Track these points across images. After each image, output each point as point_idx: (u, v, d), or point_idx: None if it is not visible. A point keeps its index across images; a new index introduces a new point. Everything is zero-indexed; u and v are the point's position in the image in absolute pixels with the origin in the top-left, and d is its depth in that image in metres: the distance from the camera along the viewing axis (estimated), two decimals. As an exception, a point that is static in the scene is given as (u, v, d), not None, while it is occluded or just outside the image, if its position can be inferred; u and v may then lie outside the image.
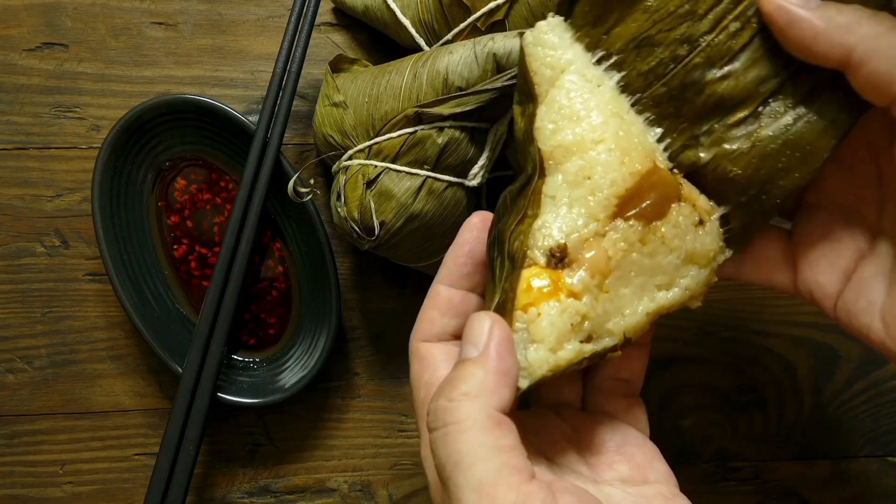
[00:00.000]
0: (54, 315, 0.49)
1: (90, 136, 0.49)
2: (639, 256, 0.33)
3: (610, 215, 0.33)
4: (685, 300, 0.35)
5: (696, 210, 0.34)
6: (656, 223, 0.33)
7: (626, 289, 0.33)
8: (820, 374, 0.51)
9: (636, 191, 0.33)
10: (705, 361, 0.51)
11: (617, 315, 0.33)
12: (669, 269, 0.34)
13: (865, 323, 0.33)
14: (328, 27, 0.50)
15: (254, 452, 0.50)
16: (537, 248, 0.32)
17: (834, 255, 0.35)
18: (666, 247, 0.33)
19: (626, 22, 0.34)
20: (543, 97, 0.34)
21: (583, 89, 0.34)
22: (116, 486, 0.49)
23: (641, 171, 0.33)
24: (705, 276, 0.35)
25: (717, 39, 0.34)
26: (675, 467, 0.50)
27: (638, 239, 0.33)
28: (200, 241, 0.49)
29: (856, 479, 0.51)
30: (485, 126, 0.42)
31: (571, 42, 0.35)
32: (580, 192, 0.33)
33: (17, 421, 0.49)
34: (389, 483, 0.50)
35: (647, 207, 0.33)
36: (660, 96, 0.35)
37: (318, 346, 0.47)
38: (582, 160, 0.33)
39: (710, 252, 0.34)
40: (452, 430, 0.27)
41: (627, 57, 0.35)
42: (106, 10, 0.49)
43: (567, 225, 0.33)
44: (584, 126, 0.33)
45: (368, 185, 0.42)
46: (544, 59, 0.34)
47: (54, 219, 0.49)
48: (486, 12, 0.43)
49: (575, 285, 0.32)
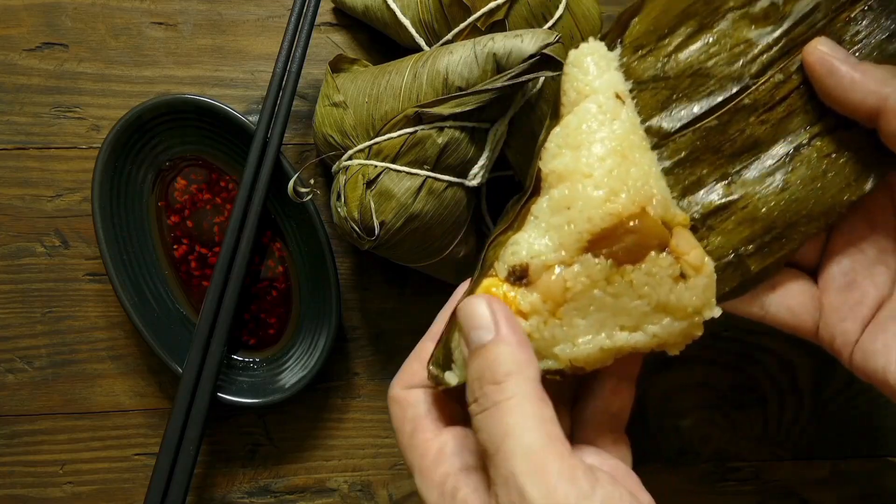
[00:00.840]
0: (54, 315, 0.49)
1: (90, 136, 0.49)
2: (600, 294, 0.34)
3: (579, 249, 0.33)
4: (654, 345, 0.35)
5: (678, 263, 0.34)
6: (627, 267, 0.33)
7: (581, 320, 0.34)
8: (820, 374, 0.51)
9: (611, 232, 0.33)
10: (705, 361, 0.51)
11: (566, 342, 0.34)
12: (635, 314, 0.34)
13: (881, 365, 0.34)
14: (328, 27, 0.50)
15: (254, 452, 0.50)
16: (504, 261, 0.34)
17: (857, 303, 0.36)
18: (634, 291, 0.34)
19: (685, 48, 0.37)
20: (563, 118, 0.35)
21: (596, 120, 0.34)
22: (116, 486, 0.50)
23: (622, 214, 0.33)
24: (681, 329, 0.35)
25: (763, 86, 0.36)
26: (675, 467, 0.51)
27: (603, 277, 0.33)
28: (200, 241, 0.49)
29: (856, 479, 0.51)
30: (485, 126, 0.42)
31: (611, 68, 0.36)
32: (558, 219, 0.34)
33: (17, 421, 0.49)
34: (389, 483, 0.50)
35: (619, 250, 0.33)
36: (707, 128, 0.37)
37: (318, 346, 0.47)
38: (568, 189, 0.34)
39: (688, 307, 0.35)
40: (504, 406, 0.29)
41: (680, 83, 0.37)
42: (106, 10, 0.49)
43: (536, 248, 0.34)
44: (582, 156, 0.34)
45: (368, 185, 0.42)
46: (574, 82, 0.35)
47: (54, 219, 0.49)
48: (486, 12, 0.43)
49: (523, 305, 0.33)
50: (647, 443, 0.50)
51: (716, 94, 0.37)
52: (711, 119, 0.37)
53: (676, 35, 0.37)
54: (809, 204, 0.36)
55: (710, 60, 0.37)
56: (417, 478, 0.33)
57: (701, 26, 0.37)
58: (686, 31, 0.37)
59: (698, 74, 0.37)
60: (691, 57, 0.37)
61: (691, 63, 0.37)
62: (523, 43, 0.40)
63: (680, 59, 0.37)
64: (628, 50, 0.37)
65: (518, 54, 0.40)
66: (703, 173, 0.37)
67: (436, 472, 0.32)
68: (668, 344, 0.35)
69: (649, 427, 0.50)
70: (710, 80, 0.37)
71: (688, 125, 0.37)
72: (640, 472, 0.51)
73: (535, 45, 0.40)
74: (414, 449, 0.34)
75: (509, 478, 0.28)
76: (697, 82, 0.37)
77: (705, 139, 0.37)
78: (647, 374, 0.51)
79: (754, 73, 0.37)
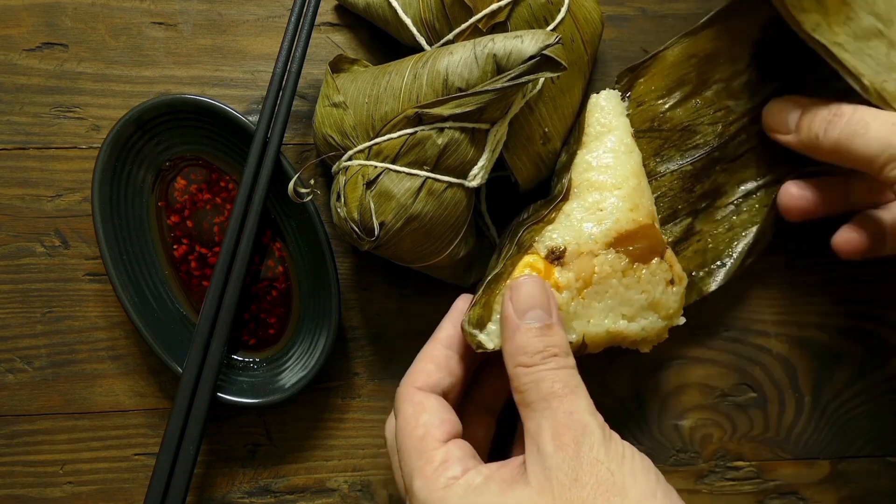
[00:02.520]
0: (54, 315, 0.49)
1: (90, 136, 0.49)
2: (616, 283, 0.42)
3: (607, 243, 0.42)
4: (639, 338, 0.43)
5: (671, 271, 0.43)
6: (639, 264, 0.42)
7: (598, 303, 0.42)
8: (820, 374, 0.51)
9: (632, 234, 0.42)
10: (705, 361, 0.51)
11: (583, 319, 0.41)
12: (636, 306, 0.42)
13: None
14: (328, 27, 0.50)
15: (254, 452, 0.50)
16: (543, 243, 0.42)
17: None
18: (639, 286, 0.42)
19: (678, 108, 0.47)
20: (587, 144, 0.44)
21: (618, 150, 0.44)
22: (116, 486, 0.50)
23: (641, 222, 0.42)
24: (660, 328, 0.43)
25: (731, 143, 0.48)
26: (675, 467, 0.51)
27: (621, 269, 0.42)
28: (200, 241, 0.49)
29: (856, 479, 0.51)
30: (485, 127, 0.42)
31: (623, 112, 0.45)
32: (592, 217, 0.42)
33: (17, 421, 0.49)
34: (389, 483, 0.50)
35: (636, 250, 0.42)
36: (685, 172, 0.48)
37: (318, 346, 0.47)
38: (600, 195, 0.42)
39: (670, 309, 0.43)
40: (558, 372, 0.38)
41: (671, 136, 0.47)
42: (106, 10, 0.49)
43: (571, 236, 0.42)
44: (610, 174, 0.43)
45: (368, 185, 0.42)
46: (598, 118, 0.45)
47: (54, 219, 0.49)
48: (488, 14, 0.43)
49: (560, 280, 0.41)
50: (647, 443, 0.50)
51: (700, 147, 0.47)
52: (688, 165, 0.47)
53: (672, 97, 0.47)
54: (749, 239, 0.48)
55: (697, 120, 0.47)
56: (418, 480, 0.36)
57: (692, 92, 0.47)
58: (680, 94, 0.47)
59: (687, 130, 0.47)
60: (683, 115, 0.47)
61: (682, 120, 0.47)
62: (523, 44, 0.40)
63: (673, 117, 0.47)
64: (633, 104, 0.47)
65: (518, 55, 0.40)
66: (678, 208, 0.48)
67: (442, 477, 0.36)
68: (646, 340, 0.44)
69: (649, 427, 0.50)
70: (696, 135, 0.47)
71: (673, 170, 0.47)
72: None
73: (535, 46, 0.40)
74: (420, 454, 0.37)
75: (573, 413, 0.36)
76: (686, 136, 0.47)
77: (681, 181, 0.48)
78: (647, 373, 0.51)
79: (731, 134, 0.47)
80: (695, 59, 0.47)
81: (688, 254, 0.48)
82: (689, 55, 0.47)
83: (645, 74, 0.47)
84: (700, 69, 0.47)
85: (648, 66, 0.47)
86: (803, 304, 0.51)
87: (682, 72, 0.47)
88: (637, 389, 0.50)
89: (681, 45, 0.47)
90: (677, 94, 0.47)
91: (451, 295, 0.44)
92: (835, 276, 0.51)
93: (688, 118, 0.47)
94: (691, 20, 0.49)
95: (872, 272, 0.51)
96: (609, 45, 0.50)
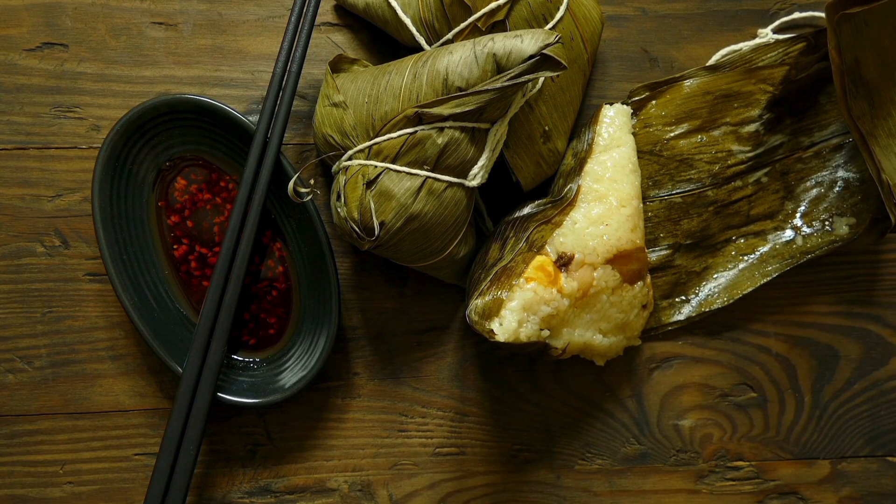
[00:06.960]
0: (54, 315, 0.49)
1: (90, 136, 0.49)
2: (606, 299, 0.43)
3: (606, 259, 0.43)
4: (601, 352, 0.45)
5: (647, 297, 0.45)
6: (626, 285, 0.44)
7: (586, 315, 0.43)
8: (820, 374, 0.51)
9: (628, 254, 0.44)
10: (705, 361, 0.51)
11: (572, 328, 0.43)
12: (612, 323, 0.44)
13: None
14: (328, 27, 0.50)
15: (254, 452, 0.50)
16: (553, 246, 0.43)
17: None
18: (621, 306, 0.44)
19: (683, 139, 0.48)
20: (595, 153, 0.45)
21: (626, 168, 0.45)
22: (116, 486, 0.50)
23: (638, 244, 0.44)
24: (621, 346, 0.46)
25: (725, 187, 0.48)
26: (675, 467, 0.51)
27: (612, 287, 0.43)
28: (200, 241, 0.49)
29: (856, 479, 0.51)
30: (485, 126, 0.42)
31: (631, 130, 0.47)
32: (596, 229, 0.43)
33: (17, 421, 0.49)
34: (389, 483, 0.50)
35: (628, 271, 0.44)
36: (673, 203, 0.48)
37: (318, 346, 0.47)
38: (606, 209, 0.44)
39: (635, 331, 0.46)
40: None
41: (669, 163, 0.48)
42: (106, 10, 0.49)
43: (577, 245, 0.43)
44: (616, 191, 0.44)
45: (368, 185, 0.42)
46: (609, 130, 0.46)
47: (54, 219, 0.49)
48: (487, 12, 0.43)
49: (565, 287, 0.42)
50: (647, 443, 0.50)
51: (692, 182, 0.48)
52: (678, 197, 0.48)
53: (679, 126, 0.48)
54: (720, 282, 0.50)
55: (698, 154, 0.48)
56: None
57: (699, 127, 0.48)
58: (688, 126, 0.48)
59: (685, 162, 0.48)
60: (685, 147, 0.48)
61: (682, 151, 0.48)
62: (523, 43, 0.40)
63: (675, 146, 0.48)
64: (641, 123, 0.48)
65: (518, 55, 0.40)
66: (660, 236, 0.49)
67: None
68: (607, 355, 0.46)
69: (649, 427, 0.50)
70: (692, 169, 0.48)
71: (663, 196, 0.48)
72: (640, 471, 0.51)
73: (535, 46, 0.40)
74: None
75: None
76: (682, 168, 0.48)
77: (667, 210, 0.48)
78: (647, 373, 0.51)
79: (726, 177, 0.48)
80: (710, 97, 0.48)
81: (659, 282, 0.49)
82: (705, 91, 0.48)
83: (660, 97, 0.48)
84: (713, 107, 0.48)
85: (664, 90, 0.48)
86: (803, 304, 0.51)
87: (696, 105, 0.48)
88: (637, 389, 0.50)
89: (700, 79, 0.48)
90: (685, 126, 0.48)
91: (450, 295, 0.45)
92: (835, 276, 0.51)
93: (688, 151, 0.48)
94: (691, 20, 0.49)
95: (872, 272, 0.51)
96: (609, 45, 0.50)
